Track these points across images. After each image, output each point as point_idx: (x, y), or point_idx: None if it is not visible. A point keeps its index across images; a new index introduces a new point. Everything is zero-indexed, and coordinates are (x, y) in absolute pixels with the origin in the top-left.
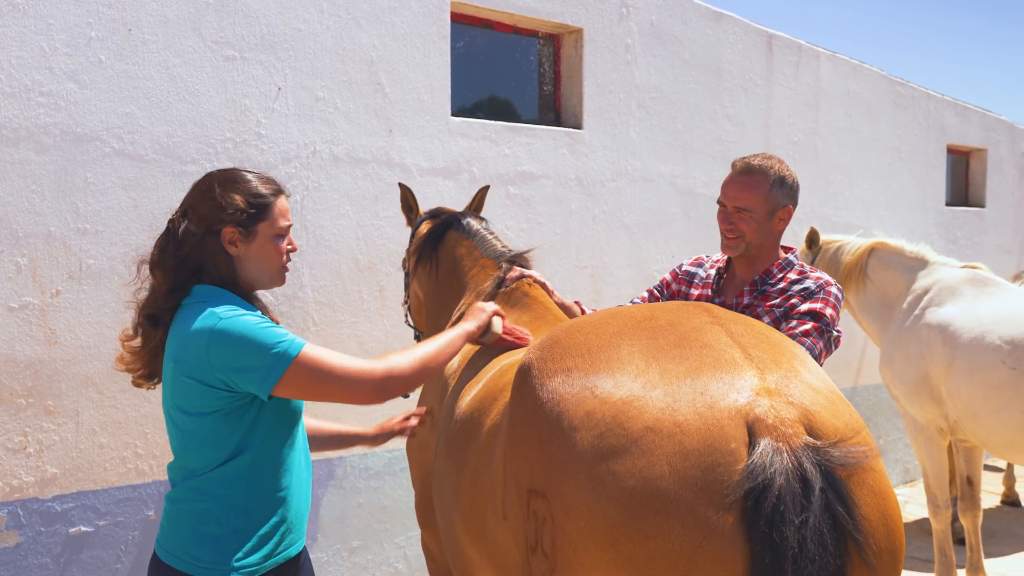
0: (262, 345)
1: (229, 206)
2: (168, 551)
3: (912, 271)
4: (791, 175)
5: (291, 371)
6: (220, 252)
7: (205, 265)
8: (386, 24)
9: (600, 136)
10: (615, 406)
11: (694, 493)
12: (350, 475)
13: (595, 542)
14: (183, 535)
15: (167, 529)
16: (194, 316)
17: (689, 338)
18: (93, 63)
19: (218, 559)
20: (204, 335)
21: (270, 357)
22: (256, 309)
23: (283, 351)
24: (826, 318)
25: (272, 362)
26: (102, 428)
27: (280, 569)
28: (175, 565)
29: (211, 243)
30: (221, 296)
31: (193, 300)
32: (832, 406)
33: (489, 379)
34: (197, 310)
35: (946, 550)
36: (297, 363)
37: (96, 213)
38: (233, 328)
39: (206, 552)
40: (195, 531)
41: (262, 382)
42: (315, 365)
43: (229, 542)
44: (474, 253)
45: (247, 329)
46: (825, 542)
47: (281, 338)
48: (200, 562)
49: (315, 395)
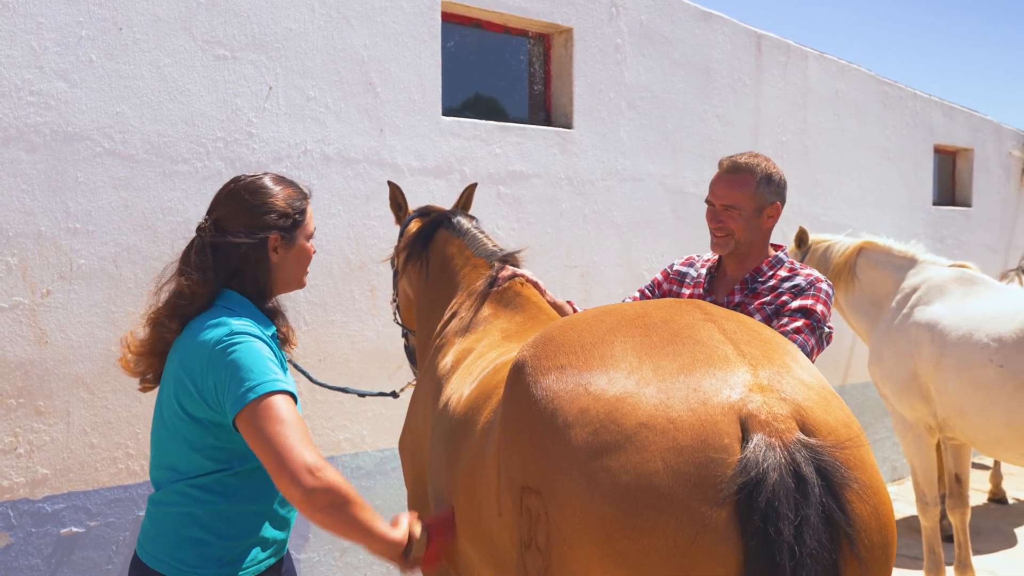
0: (260, 369)
1: (274, 212)
2: (150, 554)
3: (901, 270)
4: (778, 172)
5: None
6: (264, 259)
7: (243, 270)
8: (377, 24)
9: (590, 136)
10: (609, 403)
11: (688, 489)
12: (342, 474)
13: (589, 538)
14: (167, 538)
15: (149, 531)
16: (212, 318)
17: (682, 335)
18: (84, 62)
19: (201, 563)
20: (212, 342)
21: (262, 379)
22: (274, 326)
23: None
24: (817, 314)
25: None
26: (93, 428)
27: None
28: (158, 568)
29: (255, 250)
30: (245, 307)
31: (219, 303)
32: (824, 402)
33: (483, 378)
34: (217, 313)
35: (935, 547)
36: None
37: (87, 213)
38: (243, 345)
39: (189, 555)
40: (179, 534)
41: (234, 404)
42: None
43: (213, 547)
44: (465, 252)
45: (256, 352)
46: (820, 537)
47: (275, 374)
48: (184, 565)
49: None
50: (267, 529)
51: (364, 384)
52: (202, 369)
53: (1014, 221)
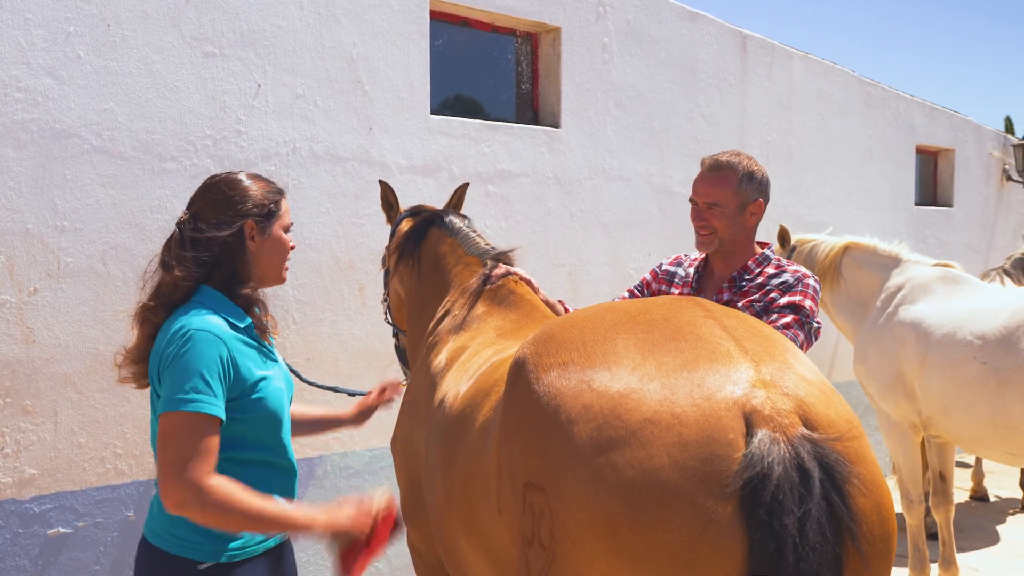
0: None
1: (249, 200)
2: (152, 531)
3: (886, 269)
4: (760, 170)
5: (168, 415)
6: (242, 247)
7: (222, 261)
8: (366, 21)
9: (577, 135)
10: (613, 399)
11: (693, 483)
12: (331, 474)
13: (595, 533)
14: (167, 516)
15: (153, 510)
16: (183, 315)
17: (684, 332)
18: (71, 59)
19: (197, 539)
20: (180, 333)
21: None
22: (249, 318)
23: (186, 399)
24: (806, 310)
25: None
26: (81, 428)
27: (261, 557)
28: (157, 544)
29: (233, 239)
30: (219, 302)
31: (195, 298)
32: (825, 397)
33: (479, 375)
34: (190, 307)
35: (920, 545)
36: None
37: (74, 210)
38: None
39: (186, 532)
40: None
41: (164, 401)
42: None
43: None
44: (458, 251)
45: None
46: (824, 531)
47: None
48: (180, 540)
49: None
50: None
51: (353, 383)
52: (162, 362)
53: (994, 221)
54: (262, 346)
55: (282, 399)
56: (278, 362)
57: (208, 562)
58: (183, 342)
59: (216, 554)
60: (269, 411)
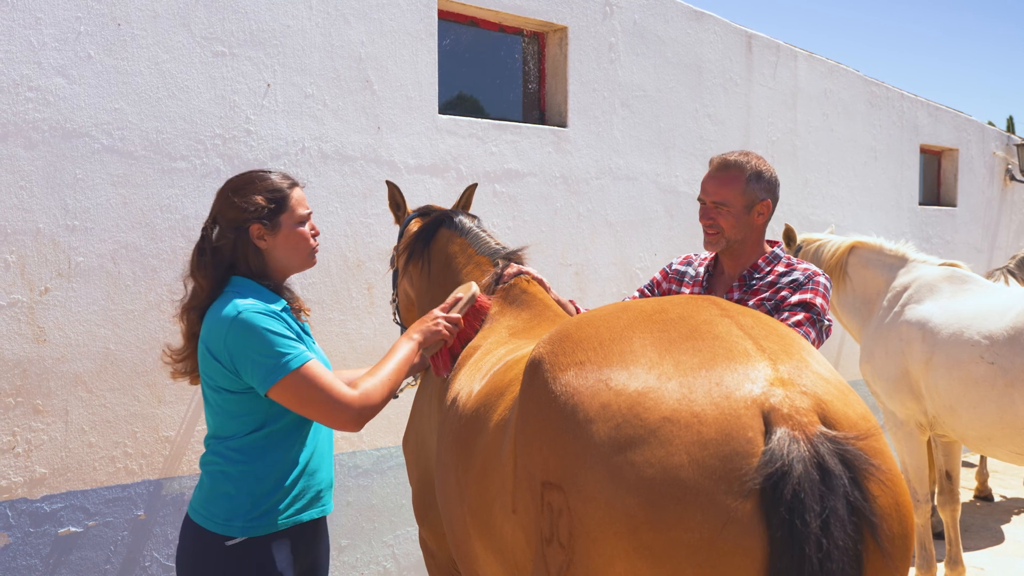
0: (272, 348)
1: (251, 205)
2: (194, 508)
3: (892, 269)
4: (769, 170)
5: (287, 380)
6: (251, 248)
7: (237, 262)
8: (374, 21)
9: (584, 134)
10: (631, 397)
11: (713, 482)
12: (338, 473)
13: (615, 532)
14: (205, 493)
15: (196, 489)
16: (224, 304)
17: (701, 330)
18: (82, 58)
19: (230, 516)
20: (227, 321)
21: (275, 361)
22: (283, 299)
23: (287, 361)
24: (817, 307)
25: (275, 365)
26: (91, 427)
27: (291, 532)
28: (196, 520)
29: (242, 241)
30: (252, 288)
31: (229, 289)
32: (843, 395)
33: (493, 374)
34: (228, 298)
35: (926, 544)
36: (295, 375)
37: (85, 210)
38: (253, 322)
39: (221, 509)
40: (214, 490)
41: (263, 380)
42: (309, 384)
43: (242, 502)
44: (468, 250)
45: (264, 328)
46: (845, 528)
47: (290, 348)
48: (215, 518)
49: (301, 409)
50: (296, 487)
51: None
52: (219, 346)
53: (998, 221)
54: (303, 328)
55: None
56: (315, 344)
57: (238, 537)
58: (237, 327)
59: (245, 529)
60: None
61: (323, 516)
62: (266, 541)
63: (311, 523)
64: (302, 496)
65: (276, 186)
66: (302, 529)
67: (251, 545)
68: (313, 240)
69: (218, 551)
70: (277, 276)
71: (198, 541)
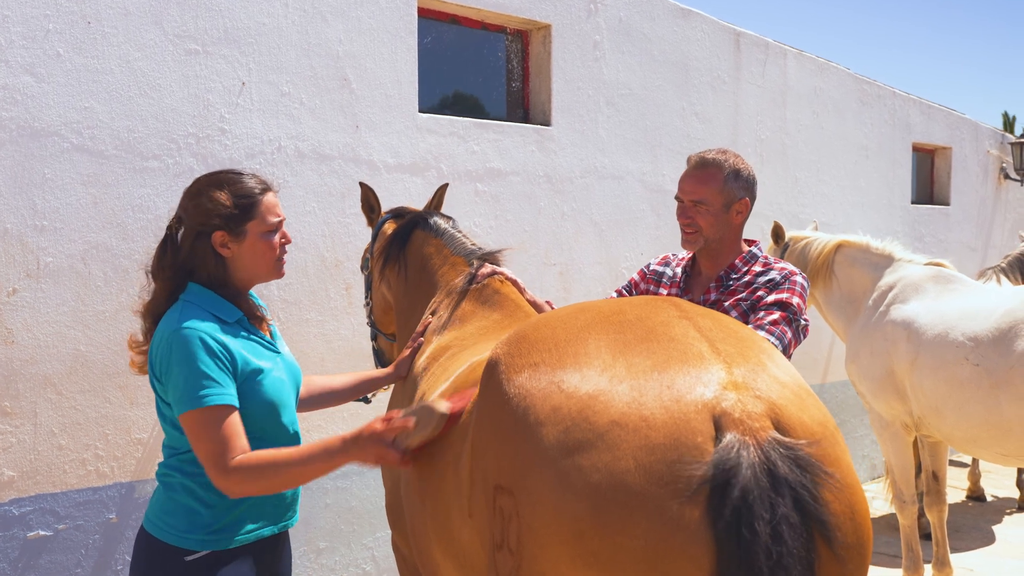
0: (194, 378)
1: (216, 209)
2: (149, 519)
3: (878, 268)
4: (747, 168)
5: (192, 414)
6: (210, 255)
7: (196, 268)
8: (352, 19)
9: (569, 133)
10: (581, 400)
11: (660, 487)
12: None
13: (560, 538)
14: (162, 504)
15: (152, 500)
16: (172, 315)
17: (657, 332)
18: (51, 56)
19: (190, 528)
20: (165, 336)
21: (191, 392)
22: (239, 311)
23: (202, 395)
24: (793, 307)
25: (189, 396)
26: (61, 430)
27: (254, 547)
28: (152, 532)
29: (201, 246)
30: (206, 299)
31: (183, 297)
32: (799, 400)
33: (457, 376)
34: (177, 309)
35: (913, 545)
36: (201, 413)
37: (54, 210)
38: (187, 346)
39: (180, 521)
40: (172, 501)
41: (176, 404)
42: (206, 427)
43: (202, 515)
44: (444, 251)
45: (196, 355)
46: (798, 536)
47: (210, 385)
48: (174, 529)
49: (193, 447)
50: (257, 501)
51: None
52: (155, 359)
53: (991, 220)
54: (261, 338)
55: (282, 390)
56: (280, 354)
57: (197, 551)
58: (172, 345)
59: (204, 543)
60: (267, 401)
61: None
62: (228, 556)
63: (273, 537)
64: (266, 509)
65: (246, 191)
66: (265, 544)
67: (212, 560)
68: (280, 251)
69: (177, 565)
70: (239, 285)
71: (155, 554)
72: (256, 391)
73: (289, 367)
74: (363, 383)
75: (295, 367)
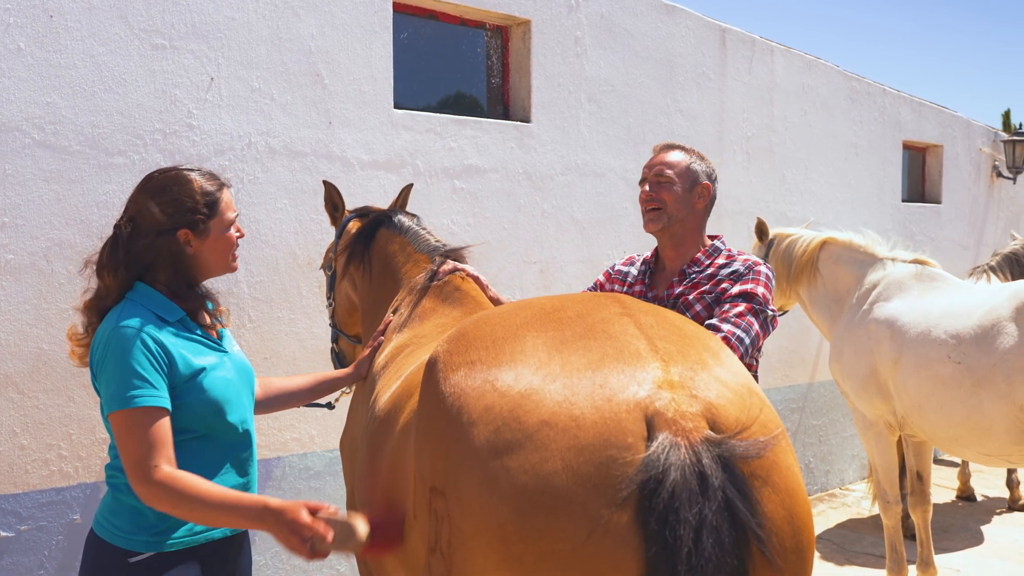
0: (126, 378)
1: (180, 209)
2: (98, 521)
3: (862, 266)
4: (710, 163)
5: (120, 414)
6: (173, 252)
7: (155, 264)
8: (325, 13)
9: (549, 130)
10: (513, 399)
11: (587, 490)
12: (289, 475)
13: (487, 541)
14: (109, 505)
15: (101, 502)
16: (114, 313)
17: (595, 329)
18: (11, 51)
19: (134, 530)
20: (105, 333)
21: (121, 392)
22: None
23: (131, 396)
24: (759, 297)
25: (119, 395)
26: (23, 429)
27: (203, 548)
28: (99, 533)
29: (163, 245)
30: (149, 297)
31: (128, 295)
32: (740, 400)
33: (408, 374)
34: (119, 308)
35: (896, 546)
36: (129, 413)
37: (16, 206)
38: (123, 345)
39: (125, 522)
40: (118, 502)
41: (106, 403)
42: (132, 430)
43: (147, 516)
44: (407, 249)
45: (131, 356)
46: (722, 540)
47: (141, 387)
48: (120, 531)
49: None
50: None
51: None
52: (96, 365)
53: (984, 218)
54: (205, 337)
55: (226, 389)
56: (227, 352)
57: (142, 552)
58: (109, 343)
59: (150, 544)
60: (210, 400)
61: (243, 532)
62: (175, 558)
63: (225, 540)
64: None
65: (207, 189)
66: (216, 547)
67: (156, 562)
68: (236, 245)
69: (121, 567)
70: (194, 281)
71: (101, 556)
72: (199, 389)
73: (238, 365)
74: (322, 383)
75: (246, 365)
